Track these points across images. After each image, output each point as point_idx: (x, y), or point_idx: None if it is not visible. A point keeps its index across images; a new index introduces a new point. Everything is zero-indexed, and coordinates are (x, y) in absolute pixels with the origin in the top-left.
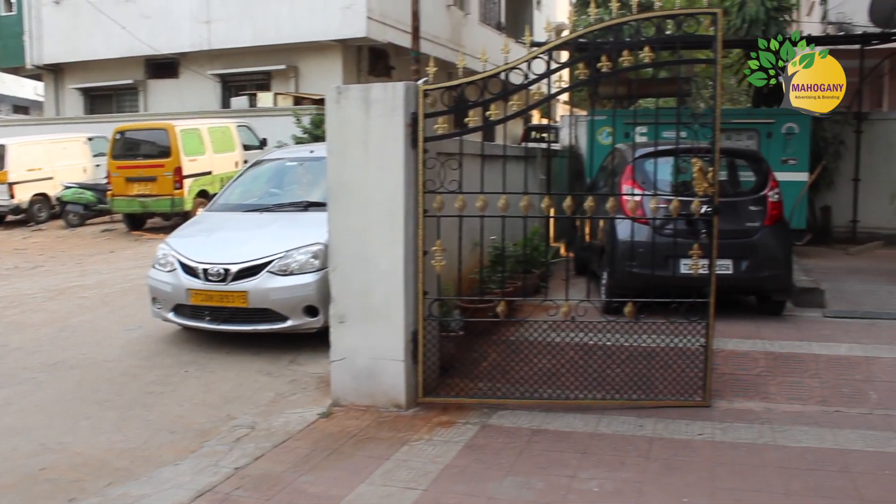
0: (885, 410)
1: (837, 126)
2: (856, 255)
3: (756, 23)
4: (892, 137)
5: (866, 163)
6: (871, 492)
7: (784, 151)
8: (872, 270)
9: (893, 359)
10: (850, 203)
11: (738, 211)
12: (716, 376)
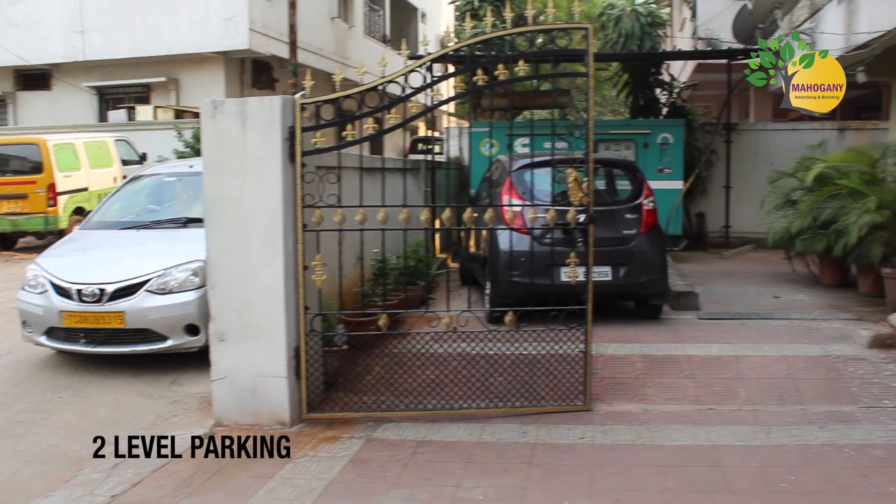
0: (754, 406)
1: (709, 136)
2: (728, 259)
3: (632, 37)
4: (759, 146)
5: (736, 171)
6: (739, 484)
7: (660, 161)
8: (743, 273)
9: (760, 357)
10: (722, 209)
11: (616, 219)
12: (596, 380)
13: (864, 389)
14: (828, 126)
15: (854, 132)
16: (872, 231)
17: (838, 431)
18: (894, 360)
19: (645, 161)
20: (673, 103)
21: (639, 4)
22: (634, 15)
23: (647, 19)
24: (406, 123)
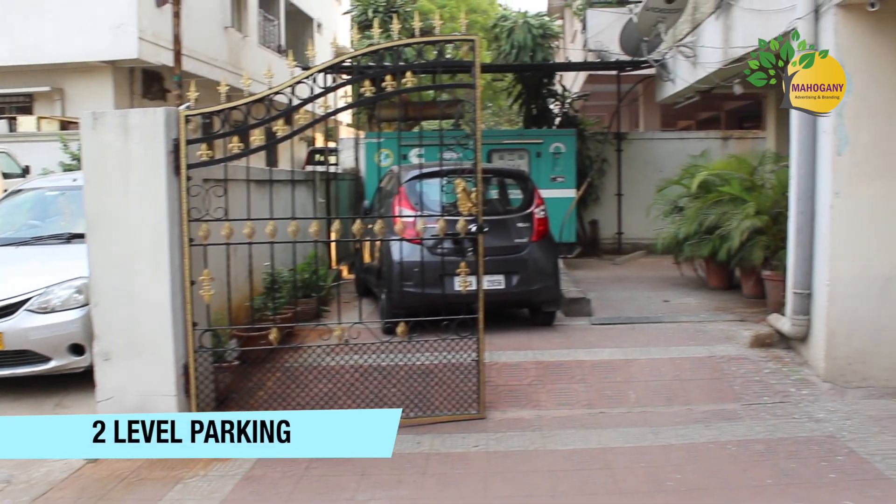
0: (643, 408)
1: (600, 145)
2: (621, 265)
3: (524, 48)
4: (649, 155)
5: (627, 179)
6: (629, 484)
7: (553, 170)
8: (635, 278)
9: (649, 360)
10: (615, 216)
11: (508, 228)
12: (490, 388)
13: (746, 387)
14: (712, 135)
15: (736, 141)
16: (753, 235)
17: (722, 429)
18: (773, 358)
19: (538, 170)
20: (565, 113)
21: (531, 17)
22: (527, 27)
23: (539, 31)
24: (293, 136)
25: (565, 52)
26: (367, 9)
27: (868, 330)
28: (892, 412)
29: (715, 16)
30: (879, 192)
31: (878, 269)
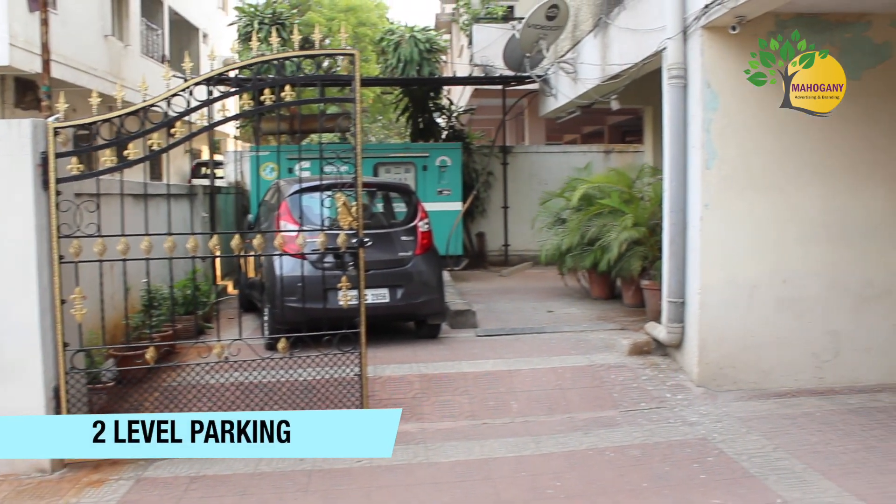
0: (525, 417)
1: (486, 158)
2: (508, 277)
3: (411, 62)
4: (534, 168)
5: (513, 191)
6: (509, 494)
7: (439, 183)
8: (521, 290)
9: (531, 370)
10: (501, 229)
11: (392, 241)
12: (374, 402)
13: (624, 394)
14: (595, 149)
15: (618, 154)
16: (631, 246)
17: (601, 435)
18: (651, 365)
19: (425, 183)
20: (452, 127)
21: (417, 31)
22: (413, 41)
23: (426, 45)
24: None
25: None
26: (253, 20)
27: (737, 335)
28: (758, 413)
29: (593, 34)
30: (744, 204)
31: (744, 278)
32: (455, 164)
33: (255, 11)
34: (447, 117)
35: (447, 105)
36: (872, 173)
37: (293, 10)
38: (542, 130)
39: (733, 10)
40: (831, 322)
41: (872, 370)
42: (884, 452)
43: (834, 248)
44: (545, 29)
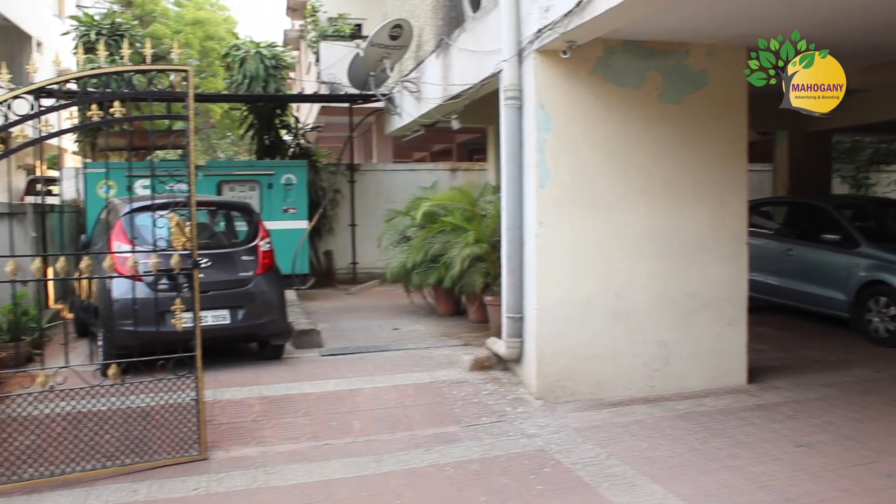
0: (367, 437)
1: (333, 176)
2: (356, 295)
3: (256, 78)
4: (381, 186)
5: (361, 209)
6: None
7: (285, 201)
8: (368, 308)
9: (374, 388)
10: (349, 246)
11: (233, 261)
12: (213, 427)
13: (466, 409)
14: (441, 167)
15: (464, 172)
16: (474, 263)
17: (442, 452)
18: (492, 380)
19: (270, 202)
20: (298, 145)
21: (264, 47)
22: (259, 57)
23: (272, 62)
24: None
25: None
26: (91, 30)
27: (573, 348)
28: (594, 422)
29: (436, 54)
30: (577, 221)
31: (579, 293)
32: (301, 182)
33: (92, 21)
34: (294, 135)
35: (294, 122)
36: (694, 192)
37: (135, 21)
38: (389, 148)
39: (564, 36)
40: (660, 333)
41: (699, 377)
42: (705, 454)
43: (661, 263)
44: (389, 48)
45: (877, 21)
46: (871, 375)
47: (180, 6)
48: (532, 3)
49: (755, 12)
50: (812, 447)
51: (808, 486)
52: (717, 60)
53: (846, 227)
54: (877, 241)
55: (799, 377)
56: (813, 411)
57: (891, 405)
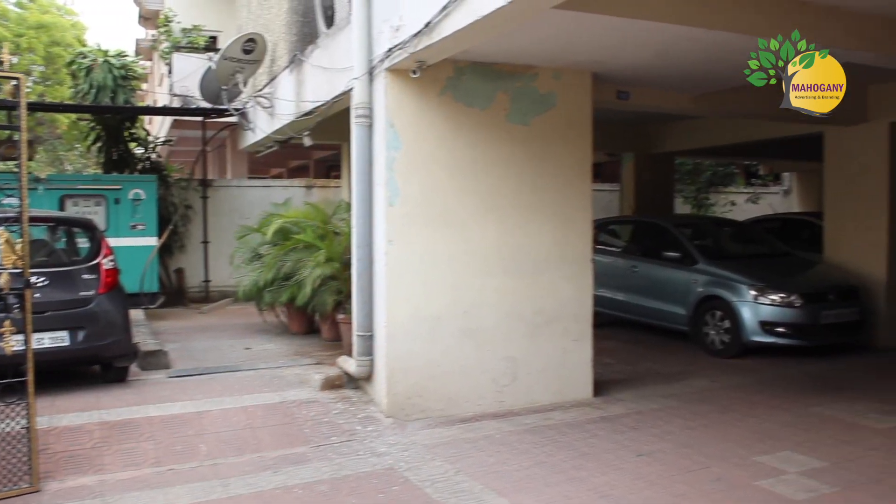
0: (214, 460)
1: (185, 192)
2: (208, 314)
3: (104, 89)
4: (235, 203)
5: (214, 226)
6: None
7: (133, 217)
8: (221, 327)
9: (222, 410)
10: (202, 264)
11: (73, 280)
12: (48, 456)
13: (316, 430)
14: (297, 183)
15: (320, 189)
16: (326, 281)
17: (290, 473)
18: (343, 399)
19: (117, 217)
20: (148, 158)
21: (112, 56)
22: (107, 66)
23: (121, 72)
24: None
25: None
26: None
27: (423, 366)
28: (444, 439)
29: (289, 70)
30: (426, 239)
31: (428, 310)
32: (150, 198)
33: None
34: (144, 148)
35: (145, 135)
36: (542, 211)
37: None
38: (245, 164)
39: (413, 56)
40: (509, 349)
41: (546, 391)
42: (551, 466)
43: (509, 280)
44: (242, 62)
45: (706, 55)
46: (707, 385)
47: (22, 7)
48: (383, 23)
49: (596, 41)
50: (651, 456)
51: (646, 493)
52: (564, 84)
53: (685, 245)
54: (713, 258)
55: (642, 389)
56: (653, 421)
57: (723, 412)
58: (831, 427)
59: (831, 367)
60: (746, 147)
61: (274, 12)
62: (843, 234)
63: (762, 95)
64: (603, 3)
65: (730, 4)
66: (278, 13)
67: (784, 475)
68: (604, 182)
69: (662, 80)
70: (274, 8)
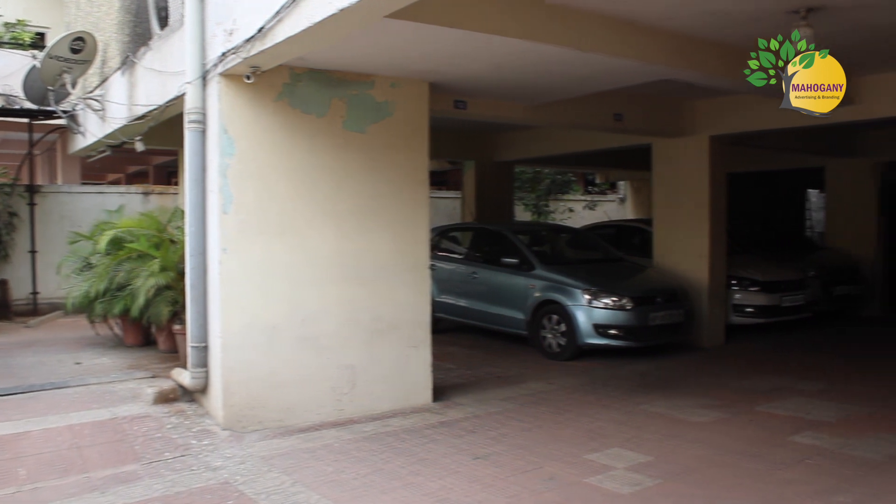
0: (35, 484)
1: (9, 198)
2: (36, 328)
3: None
4: (66, 210)
5: (43, 234)
6: None
7: None
8: (49, 341)
9: (45, 430)
10: (29, 275)
11: None
12: None
13: (148, 446)
14: (133, 190)
15: (158, 196)
16: (161, 291)
17: (119, 493)
18: (177, 412)
19: None
20: None
21: None
22: None
23: None
24: None
25: None
26: None
27: (261, 376)
28: (281, 450)
29: (121, 72)
30: (262, 247)
31: (265, 319)
32: None
33: None
34: None
35: None
36: (380, 218)
37: None
38: (77, 169)
39: (248, 61)
40: (348, 356)
41: (386, 398)
42: (388, 473)
43: (348, 287)
44: (70, 62)
45: (539, 68)
46: (543, 387)
47: None
48: (217, 26)
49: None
50: (488, 458)
51: (481, 496)
52: (401, 93)
53: (523, 252)
54: (550, 263)
55: (481, 393)
56: (491, 424)
57: (557, 413)
58: (657, 423)
59: (659, 366)
60: (583, 156)
61: (105, 10)
62: (669, 240)
63: (594, 107)
64: (437, 14)
65: (559, 21)
66: (109, 11)
67: (612, 471)
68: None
69: (498, 90)
70: (105, 6)
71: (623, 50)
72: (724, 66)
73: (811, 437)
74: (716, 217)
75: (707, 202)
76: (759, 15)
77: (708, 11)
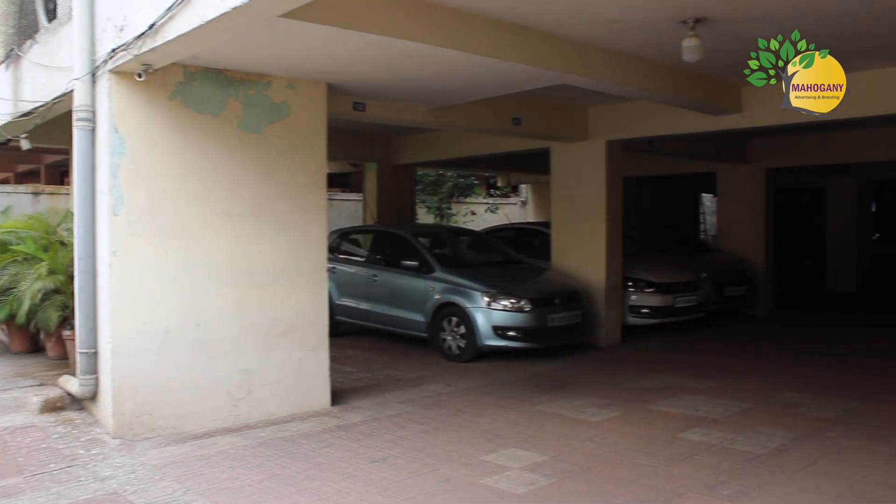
0: None
1: None
2: None
3: None
4: None
5: None
6: None
7: None
8: None
9: None
10: None
11: None
12: None
13: (32, 457)
14: (22, 190)
15: (49, 196)
16: (50, 295)
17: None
18: (65, 421)
19: None
20: None
21: None
22: None
23: None
24: None
25: None
26: None
27: (153, 382)
28: (174, 458)
29: (5, 66)
30: (155, 249)
31: (157, 324)
32: None
33: None
34: None
35: None
36: (276, 220)
37: None
38: None
39: (139, 58)
40: (244, 361)
41: (283, 403)
42: (284, 479)
43: (244, 290)
44: None
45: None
46: (443, 389)
47: None
48: (107, 21)
49: (328, 52)
50: (385, 461)
51: (378, 499)
52: (298, 93)
53: (423, 254)
54: (449, 266)
55: (380, 396)
56: (389, 427)
57: (456, 415)
58: (553, 423)
59: (557, 366)
60: (484, 159)
61: None
62: (567, 243)
63: (493, 111)
64: (331, 14)
65: (454, 25)
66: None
67: (508, 471)
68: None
69: (397, 92)
70: None
71: (518, 55)
72: (618, 73)
73: (700, 433)
74: (612, 220)
75: (604, 205)
76: (650, 24)
77: (601, 19)
